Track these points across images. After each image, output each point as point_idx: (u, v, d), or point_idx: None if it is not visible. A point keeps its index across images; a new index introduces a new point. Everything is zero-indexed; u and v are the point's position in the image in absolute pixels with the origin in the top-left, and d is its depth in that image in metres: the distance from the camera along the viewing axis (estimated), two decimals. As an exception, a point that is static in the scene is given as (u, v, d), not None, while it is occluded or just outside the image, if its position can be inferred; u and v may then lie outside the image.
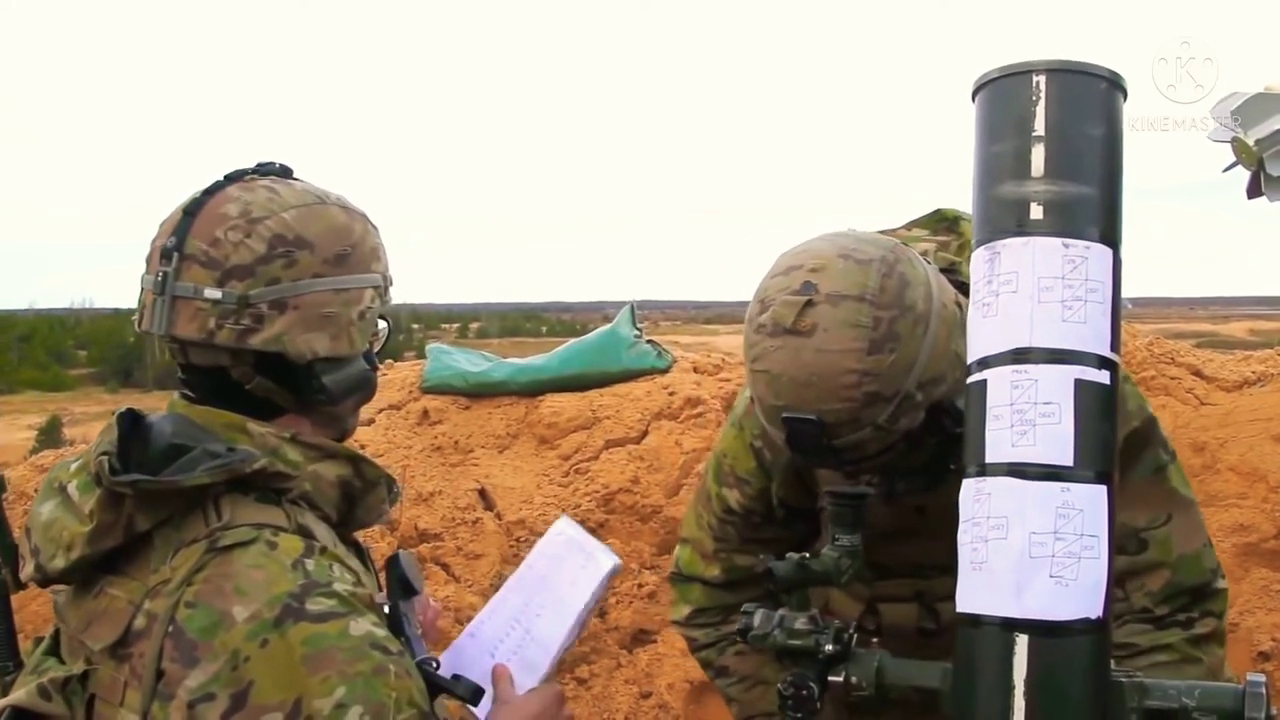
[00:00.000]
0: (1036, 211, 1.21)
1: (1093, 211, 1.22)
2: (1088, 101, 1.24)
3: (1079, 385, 1.18)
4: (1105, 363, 1.20)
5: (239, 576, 1.13)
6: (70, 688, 1.19)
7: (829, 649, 1.37)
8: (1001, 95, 1.27)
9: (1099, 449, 1.19)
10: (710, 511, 1.84)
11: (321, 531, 1.24)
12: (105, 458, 1.17)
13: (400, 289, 1.36)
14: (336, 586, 1.16)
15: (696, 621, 1.90)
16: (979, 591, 1.19)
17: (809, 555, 1.48)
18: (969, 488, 1.22)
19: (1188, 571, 1.61)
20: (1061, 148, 1.22)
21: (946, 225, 1.73)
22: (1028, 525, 1.16)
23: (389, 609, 1.28)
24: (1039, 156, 1.22)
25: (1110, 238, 1.22)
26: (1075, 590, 1.15)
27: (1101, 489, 1.18)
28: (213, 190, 1.27)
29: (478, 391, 4.52)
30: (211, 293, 1.21)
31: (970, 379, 1.25)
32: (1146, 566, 1.60)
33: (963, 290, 1.43)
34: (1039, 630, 1.14)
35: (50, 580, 1.24)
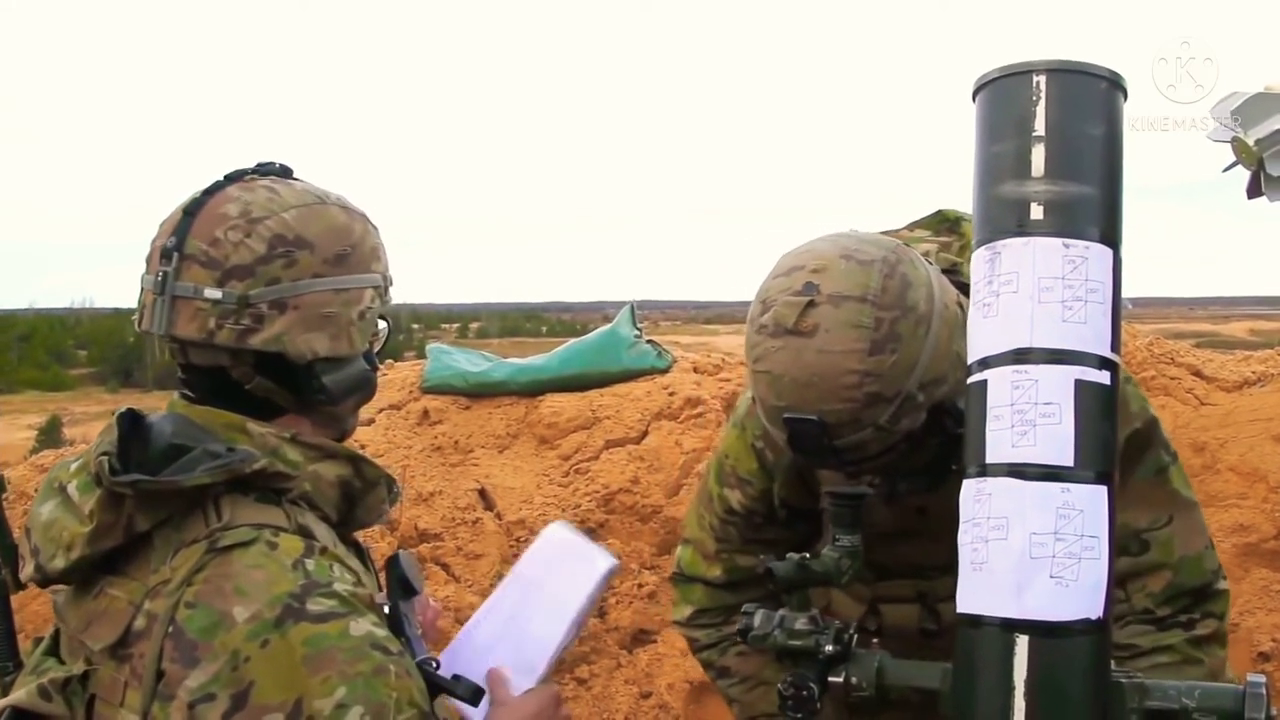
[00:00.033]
0: (1037, 211, 1.21)
1: (1093, 211, 1.22)
2: (1088, 101, 1.24)
3: (1079, 385, 1.18)
4: (1105, 363, 1.20)
5: (239, 577, 1.13)
6: (70, 688, 1.19)
7: (829, 649, 1.38)
8: (1002, 95, 1.27)
9: (1099, 449, 1.19)
10: (712, 512, 1.84)
11: (321, 532, 1.24)
12: (105, 458, 1.16)
13: (400, 289, 1.36)
14: (337, 587, 1.16)
15: (698, 622, 1.90)
16: (979, 592, 1.19)
17: (809, 556, 1.48)
18: (969, 488, 1.22)
19: (1189, 573, 1.61)
20: (1062, 148, 1.22)
21: (948, 226, 1.73)
22: (1028, 526, 1.16)
23: (389, 609, 1.28)
24: (1039, 156, 1.22)
25: (1110, 238, 1.22)
26: (1075, 591, 1.15)
27: (1102, 489, 1.18)
28: (213, 190, 1.27)
29: (478, 391, 4.52)
30: (211, 293, 1.21)
31: (971, 379, 1.25)
32: (1148, 568, 1.60)
33: (965, 291, 1.43)
34: (1039, 631, 1.14)
35: (50, 580, 1.23)
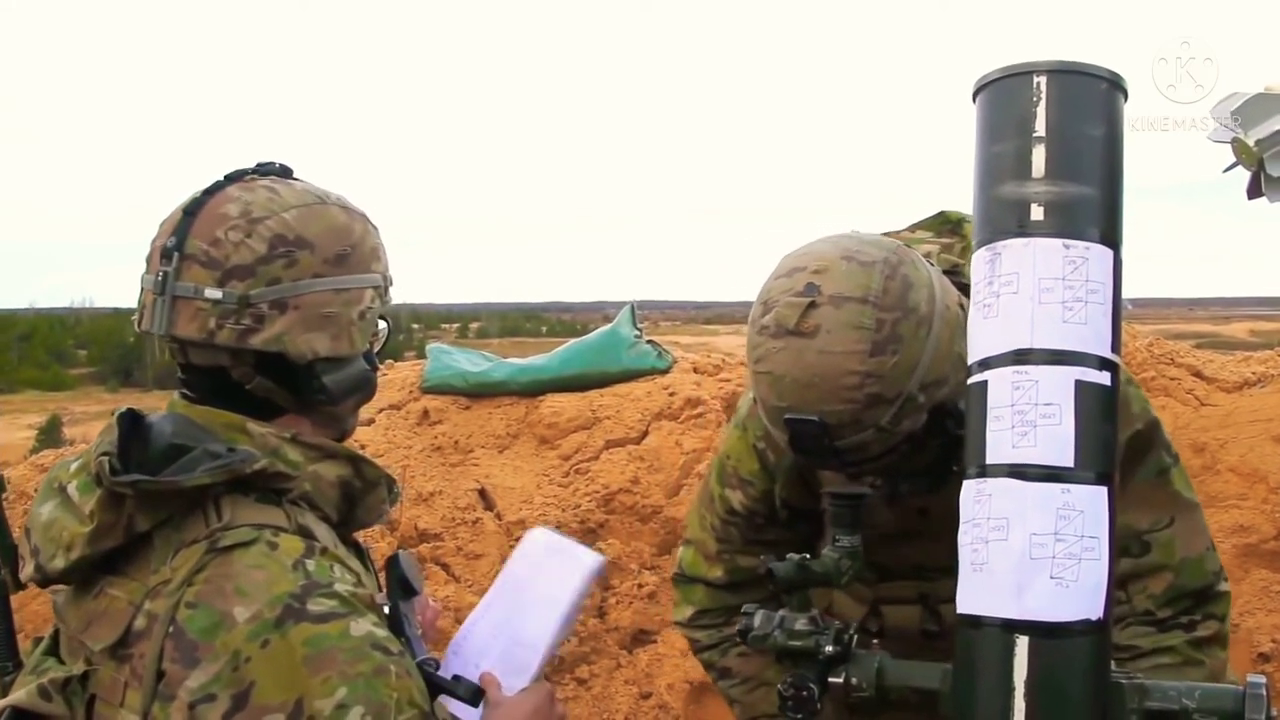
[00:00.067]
0: (1037, 212, 1.21)
1: (1093, 212, 1.22)
2: (1088, 102, 1.24)
3: (1079, 386, 1.18)
4: (1106, 364, 1.20)
5: (240, 577, 1.13)
6: (70, 688, 1.19)
7: (829, 650, 1.37)
8: (1002, 96, 1.27)
9: (1099, 450, 1.19)
10: (713, 513, 1.84)
11: (322, 532, 1.24)
12: (106, 458, 1.16)
13: (400, 289, 1.36)
14: (337, 587, 1.16)
15: (699, 623, 1.90)
16: (979, 592, 1.19)
17: (810, 556, 1.48)
18: (970, 489, 1.22)
19: (1190, 574, 1.61)
20: (1062, 148, 1.22)
21: (950, 227, 1.73)
22: (1028, 526, 1.16)
23: (389, 609, 1.28)
24: (1040, 157, 1.22)
25: (1111, 238, 1.22)
26: (1076, 591, 1.15)
27: (1102, 490, 1.18)
28: (213, 190, 1.27)
29: (478, 391, 4.52)
30: (212, 293, 1.21)
31: (971, 380, 1.25)
32: (1149, 569, 1.60)
33: (966, 292, 1.43)
34: (1039, 631, 1.14)
35: (50, 580, 1.23)
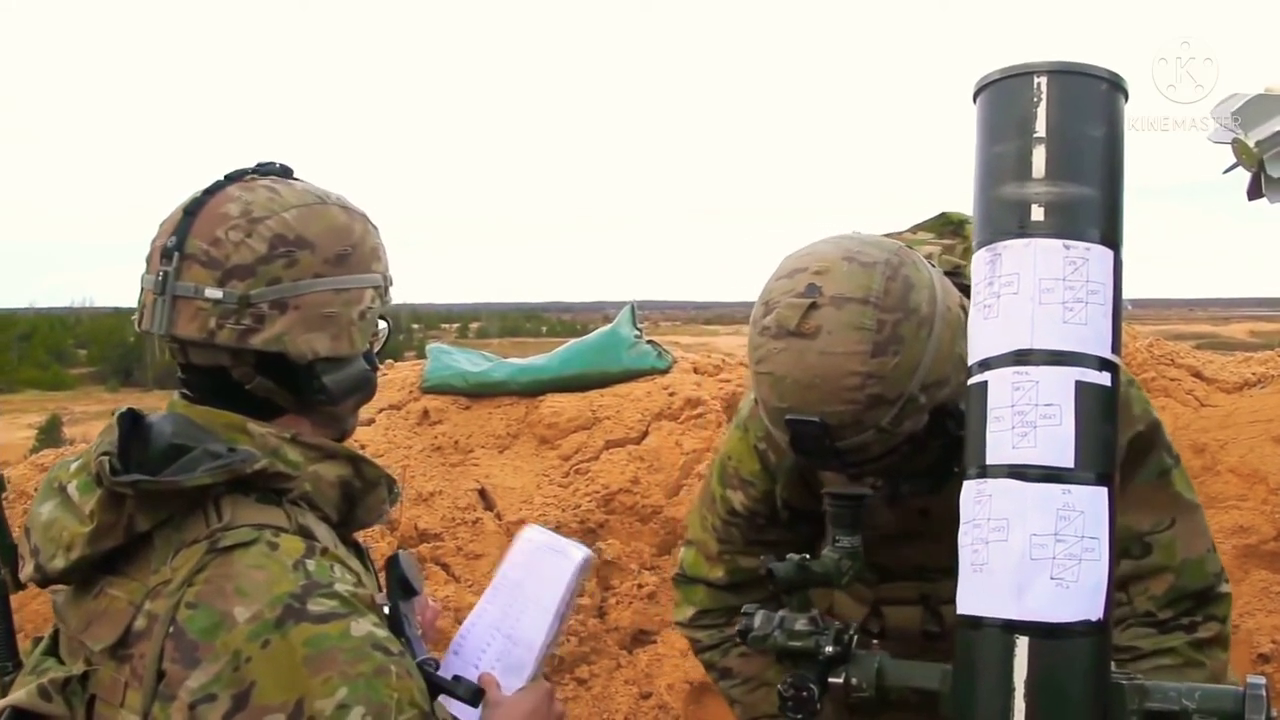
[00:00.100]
0: (1037, 213, 1.21)
1: (1094, 213, 1.22)
2: (1089, 103, 1.24)
3: (1080, 387, 1.18)
4: (1106, 364, 1.20)
5: (240, 577, 1.13)
6: (70, 688, 1.19)
7: (829, 650, 1.37)
8: (1003, 96, 1.27)
9: (1100, 451, 1.19)
10: (714, 513, 1.84)
11: (322, 532, 1.24)
12: (106, 458, 1.16)
13: (400, 289, 1.36)
14: (338, 587, 1.16)
15: (700, 623, 1.90)
16: (979, 593, 1.19)
17: (810, 557, 1.48)
18: (970, 489, 1.22)
19: (1191, 576, 1.61)
20: (1062, 149, 1.22)
21: (952, 229, 1.73)
22: (1028, 527, 1.16)
23: (389, 609, 1.28)
24: (1040, 158, 1.22)
25: (1111, 239, 1.22)
26: (1076, 592, 1.14)
27: (1102, 491, 1.18)
28: (213, 190, 1.27)
29: (478, 391, 4.52)
30: (212, 292, 1.21)
31: (971, 380, 1.25)
32: (1150, 570, 1.60)
33: (968, 293, 1.43)
34: (1039, 632, 1.14)
35: (50, 580, 1.23)
